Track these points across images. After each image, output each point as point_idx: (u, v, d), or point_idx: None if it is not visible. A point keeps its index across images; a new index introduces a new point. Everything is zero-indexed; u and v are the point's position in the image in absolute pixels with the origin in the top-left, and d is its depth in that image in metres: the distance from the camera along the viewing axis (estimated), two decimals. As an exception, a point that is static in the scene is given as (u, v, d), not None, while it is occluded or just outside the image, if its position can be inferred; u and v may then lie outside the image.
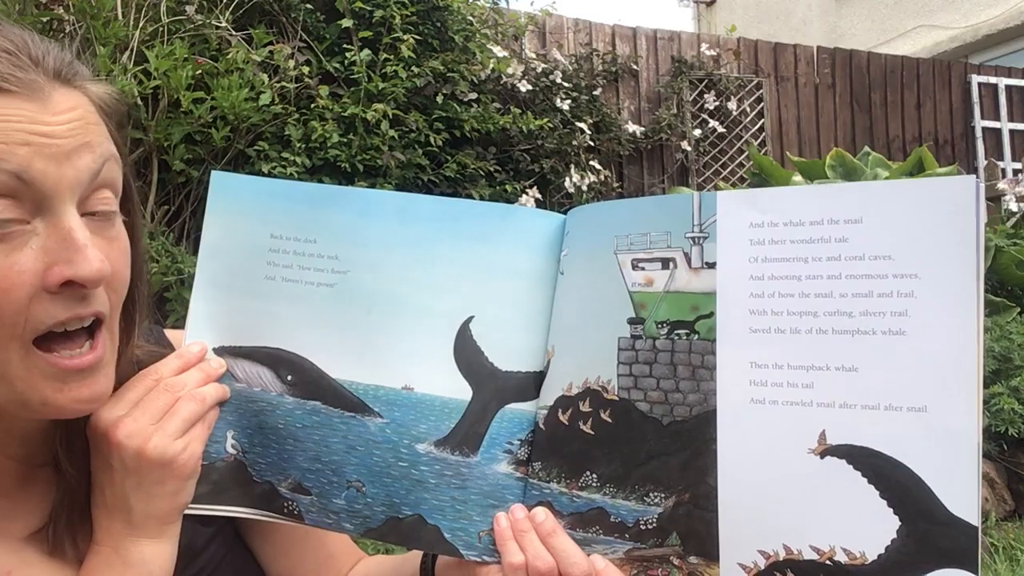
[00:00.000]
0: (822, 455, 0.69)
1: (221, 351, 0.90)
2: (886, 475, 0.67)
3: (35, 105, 0.71)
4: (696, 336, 0.76)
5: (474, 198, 4.46)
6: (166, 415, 0.82)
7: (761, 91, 6.57)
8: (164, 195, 3.78)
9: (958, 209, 0.66)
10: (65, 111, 0.73)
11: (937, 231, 0.66)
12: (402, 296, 0.87)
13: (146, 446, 0.79)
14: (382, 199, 0.91)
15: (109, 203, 0.77)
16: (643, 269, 0.80)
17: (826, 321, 0.69)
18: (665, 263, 0.79)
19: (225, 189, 0.92)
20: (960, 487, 0.64)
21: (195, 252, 3.60)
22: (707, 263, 0.76)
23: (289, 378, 0.89)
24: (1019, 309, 4.07)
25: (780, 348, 0.71)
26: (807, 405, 0.70)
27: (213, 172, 0.93)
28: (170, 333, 1.00)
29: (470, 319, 0.87)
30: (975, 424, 0.64)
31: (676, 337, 0.77)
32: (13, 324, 0.71)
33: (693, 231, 0.77)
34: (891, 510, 0.66)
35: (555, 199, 5.17)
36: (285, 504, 0.90)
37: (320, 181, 3.94)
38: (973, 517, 0.63)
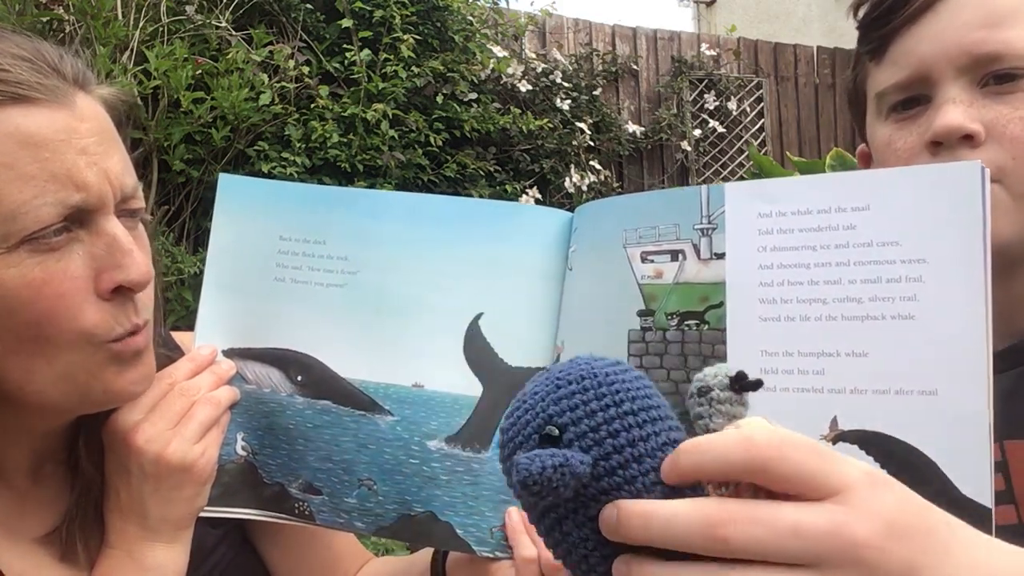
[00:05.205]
0: (834, 441, 0.69)
1: (230, 353, 0.91)
2: (898, 459, 0.66)
3: (65, 113, 0.71)
4: (706, 326, 0.76)
5: (474, 198, 4.46)
6: (183, 420, 0.82)
7: (761, 91, 6.58)
8: (164, 195, 3.78)
9: (964, 193, 0.66)
10: (91, 118, 0.74)
11: (944, 216, 0.66)
12: (412, 295, 0.88)
13: (165, 451, 0.80)
14: (391, 200, 0.93)
15: (137, 204, 0.78)
16: (652, 261, 0.80)
17: (835, 308, 0.69)
18: (674, 255, 0.79)
19: (233, 191, 0.92)
20: (972, 469, 0.64)
21: (195, 252, 3.60)
22: (716, 254, 0.76)
23: (299, 378, 0.90)
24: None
25: (790, 336, 0.71)
26: (818, 391, 0.69)
27: (221, 174, 0.93)
28: (174, 335, 1.00)
29: (479, 316, 0.87)
30: (986, 406, 0.63)
31: (686, 328, 0.77)
32: (73, 329, 0.71)
33: (702, 222, 0.77)
34: None
35: (555, 199, 5.17)
36: (296, 505, 0.90)
37: (320, 181, 3.94)
38: (986, 499, 0.63)
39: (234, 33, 3.83)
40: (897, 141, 0.86)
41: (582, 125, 5.28)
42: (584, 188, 5.15)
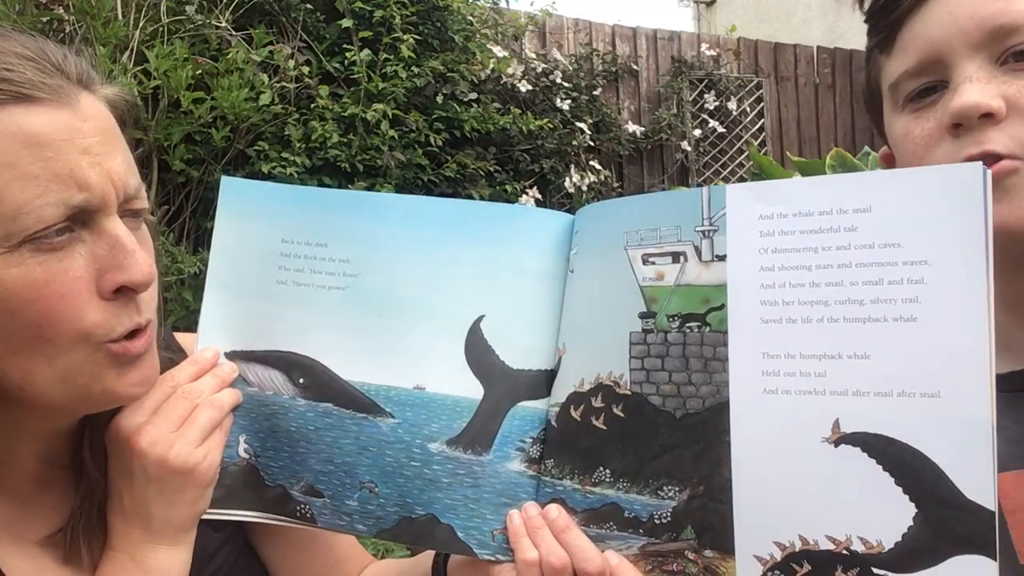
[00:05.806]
0: (836, 444, 0.69)
1: (233, 355, 0.91)
2: (901, 462, 0.66)
3: (67, 113, 0.71)
4: (708, 328, 0.76)
5: (474, 198, 4.46)
6: (186, 423, 0.82)
7: (761, 91, 6.57)
8: (164, 195, 3.77)
9: (966, 195, 0.65)
10: (93, 118, 0.74)
11: (946, 217, 0.66)
12: (413, 297, 0.88)
13: (169, 454, 0.80)
14: (392, 202, 0.93)
15: (140, 204, 0.78)
16: (654, 263, 0.80)
17: (837, 309, 0.69)
18: (676, 257, 0.79)
19: (235, 194, 0.93)
20: (975, 472, 0.63)
21: (195, 252, 3.59)
22: (717, 256, 0.76)
23: (301, 381, 0.90)
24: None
25: (792, 337, 0.71)
26: (820, 394, 0.69)
27: (223, 177, 0.94)
28: (176, 336, 1.00)
29: (481, 318, 0.87)
30: (988, 408, 0.63)
31: (688, 330, 0.77)
32: (74, 329, 0.72)
33: (703, 224, 0.77)
34: (907, 497, 0.66)
35: (555, 199, 5.17)
36: (298, 507, 0.90)
37: (320, 181, 3.94)
38: (990, 502, 0.63)
39: (234, 33, 3.82)
40: (915, 130, 0.83)
41: (582, 125, 5.28)
42: (584, 188, 5.15)
